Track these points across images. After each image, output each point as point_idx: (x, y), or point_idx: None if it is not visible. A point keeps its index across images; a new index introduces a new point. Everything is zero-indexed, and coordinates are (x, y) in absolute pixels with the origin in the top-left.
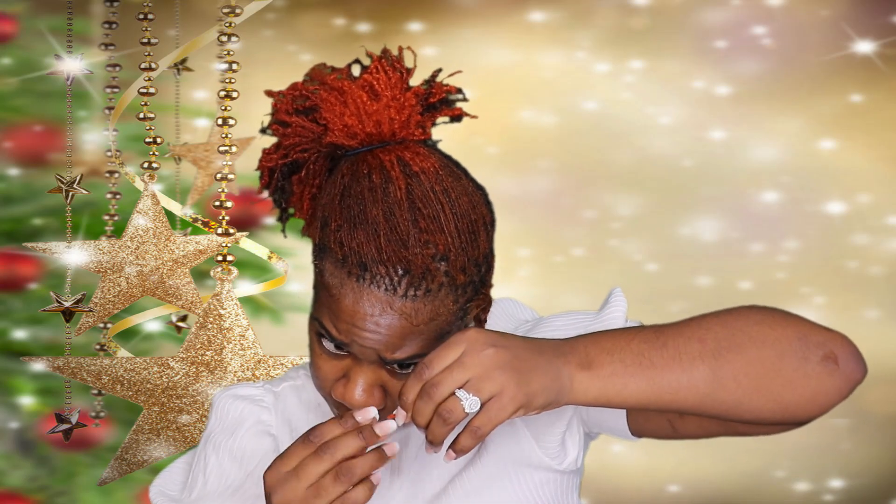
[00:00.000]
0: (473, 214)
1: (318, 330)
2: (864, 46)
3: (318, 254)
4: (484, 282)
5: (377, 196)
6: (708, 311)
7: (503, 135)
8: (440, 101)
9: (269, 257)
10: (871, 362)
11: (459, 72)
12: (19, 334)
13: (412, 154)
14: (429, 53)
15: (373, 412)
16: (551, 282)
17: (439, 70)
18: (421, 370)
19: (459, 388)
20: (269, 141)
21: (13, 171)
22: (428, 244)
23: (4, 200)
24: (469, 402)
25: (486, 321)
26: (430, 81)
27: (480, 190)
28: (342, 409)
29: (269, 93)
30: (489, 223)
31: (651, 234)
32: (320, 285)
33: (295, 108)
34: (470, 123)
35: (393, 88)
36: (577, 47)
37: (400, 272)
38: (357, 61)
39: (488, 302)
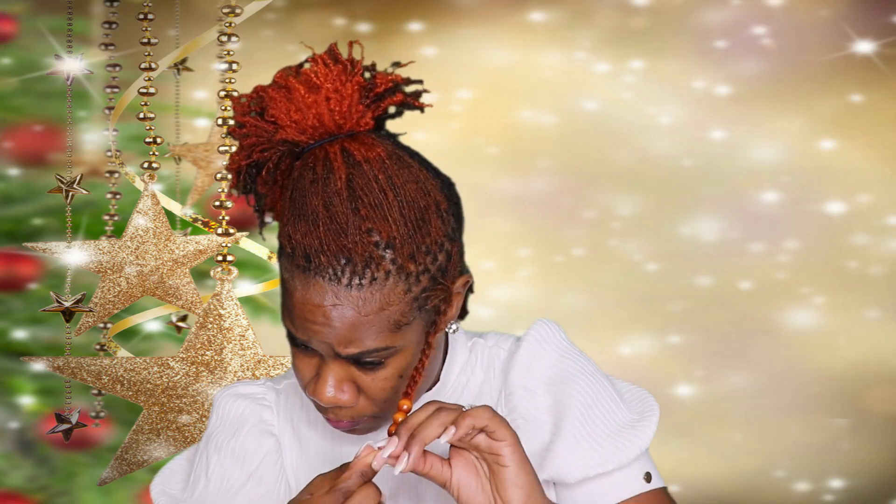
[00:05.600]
0: (423, 201)
1: (287, 330)
2: (864, 46)
3: (278, 252)
4: (444, 271)
5: (318, 187)
6: (708, 311)
7: (503, 135)
8: (388, 90)
9: (269, 257)
10: (871, 362)
11: (412, 62)
12: (19, 334)
13: (358, 144)
14: (429, 53)
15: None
16: (551, 282)
17: (395, 63)
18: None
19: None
20: None
21: (13, 171)
22: (371, 232)
23: (4, 200)
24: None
25: (446, 313)
26: (371, 70)
27: (440, 178)
28: (322, 408)
29: (231, 97)
30: (445, 210)
31: (651, 234)
32: (281, 284)
33: (251, 110)
34: (470, 123)
35: (334, 80)
36: (577, 47)
37: (342, 261)
38: (312, 58)
39: (449, 293)
